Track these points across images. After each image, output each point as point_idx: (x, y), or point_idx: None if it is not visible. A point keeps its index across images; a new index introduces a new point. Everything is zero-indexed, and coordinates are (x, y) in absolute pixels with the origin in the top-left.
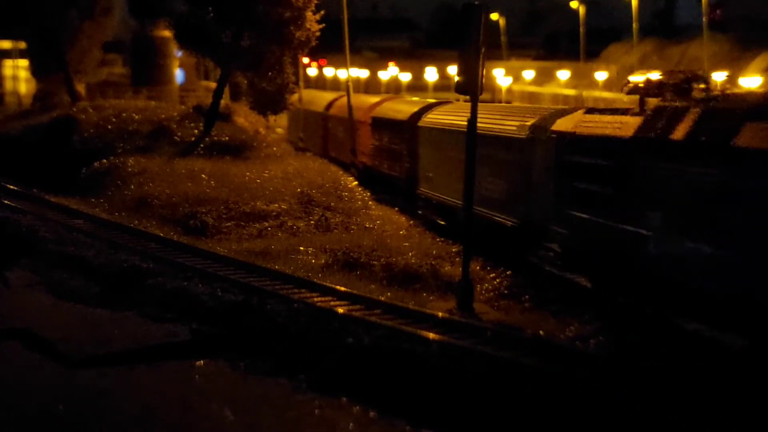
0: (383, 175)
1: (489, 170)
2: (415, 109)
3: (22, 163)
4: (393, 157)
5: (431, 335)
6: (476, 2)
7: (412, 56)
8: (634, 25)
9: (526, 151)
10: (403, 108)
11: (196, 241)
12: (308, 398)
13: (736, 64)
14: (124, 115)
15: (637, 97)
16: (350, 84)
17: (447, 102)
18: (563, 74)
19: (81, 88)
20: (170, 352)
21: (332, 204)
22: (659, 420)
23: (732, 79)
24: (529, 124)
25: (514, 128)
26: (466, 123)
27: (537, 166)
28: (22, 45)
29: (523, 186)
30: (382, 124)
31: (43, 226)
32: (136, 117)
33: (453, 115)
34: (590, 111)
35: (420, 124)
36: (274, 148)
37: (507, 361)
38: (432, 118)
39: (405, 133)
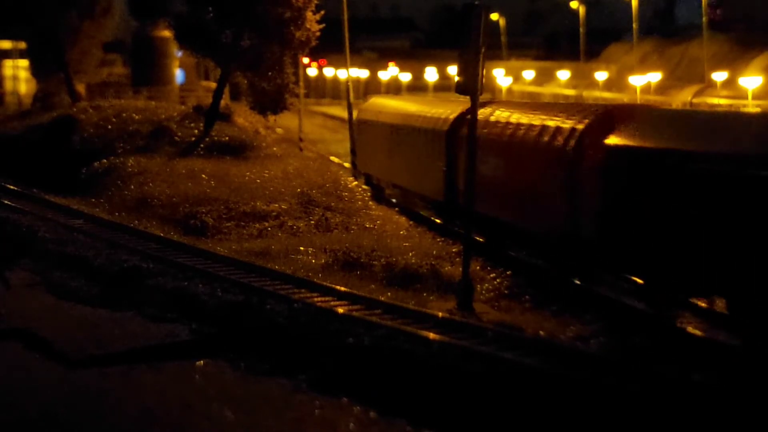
0: (640, 268)
1: None
2: None
3: (22, 163)
4: (705, 242)
5: (431, 335)
6: (476, 2)
7: (412, 56)
8: (634, 25)
9: None
10: (733, 134)
11: (196, 241)
12: (308, 398)
13: (736, 64)
14: (124, 115)
15: (636, 96)
16: (350, 84)
17: None
18: (563, 74)
19: (81, 88)
20: (170, 352)
21: (332, 204)
22: (659, 420)
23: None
24: None
25: None
26: None
27: None
28: (22, 45)
29: None
30: (653, 172)
31: (43, 226)
32: (136, 117)
33: None
34: None
35: None
36: (274, 148)
37: (508, 362)
38: None
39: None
